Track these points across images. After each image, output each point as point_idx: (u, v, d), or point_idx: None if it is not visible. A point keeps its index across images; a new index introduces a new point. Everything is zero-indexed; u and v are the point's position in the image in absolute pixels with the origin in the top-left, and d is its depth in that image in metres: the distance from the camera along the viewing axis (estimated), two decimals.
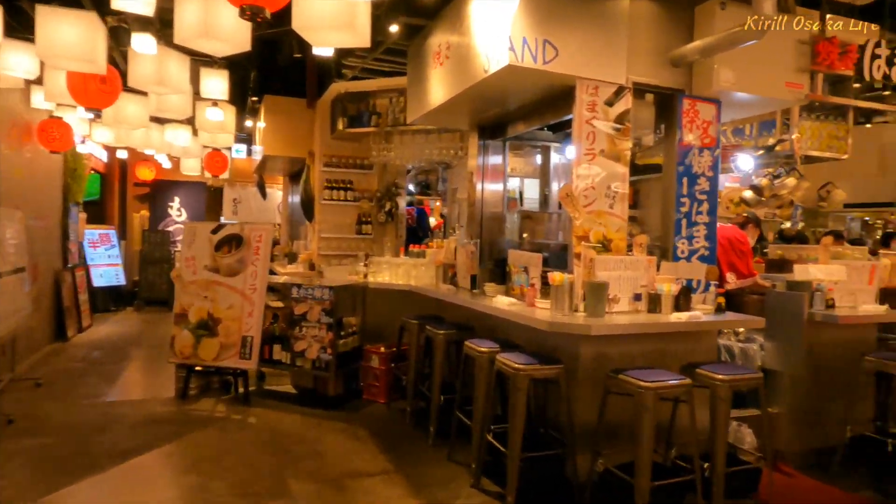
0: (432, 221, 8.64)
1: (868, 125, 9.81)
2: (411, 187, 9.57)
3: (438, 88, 4.41)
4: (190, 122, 6.54)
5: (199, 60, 5.00)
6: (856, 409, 4.14)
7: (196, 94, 5.49)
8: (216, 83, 5.12)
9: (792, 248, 4.63)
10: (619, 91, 3.60)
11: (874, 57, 3.94)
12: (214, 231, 5.55)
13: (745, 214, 4.76)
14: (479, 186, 5.18)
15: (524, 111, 4.52)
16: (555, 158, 5.38)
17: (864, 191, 9.70)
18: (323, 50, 4.44)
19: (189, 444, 4.28)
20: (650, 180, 4.50)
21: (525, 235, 5.07)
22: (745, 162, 4.58)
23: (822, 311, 3.96)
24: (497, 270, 4.47)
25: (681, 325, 3.34)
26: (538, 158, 5.56)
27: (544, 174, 5.43)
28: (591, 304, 3.33)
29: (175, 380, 5.46)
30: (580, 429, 3.42)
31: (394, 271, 5.68)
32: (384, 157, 6.62)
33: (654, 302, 3.55)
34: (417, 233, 7.64)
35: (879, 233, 10.45)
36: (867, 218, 13.50)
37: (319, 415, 4.98)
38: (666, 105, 3.87)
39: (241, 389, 5.33)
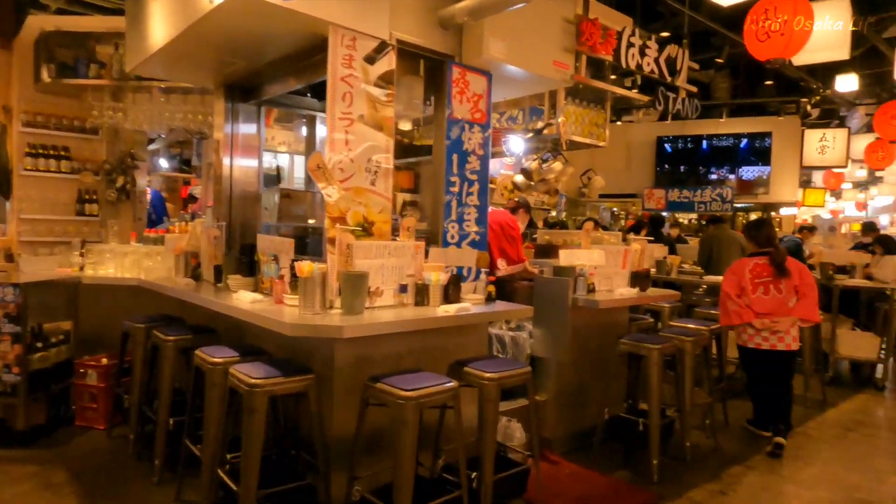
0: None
1: (618, 122, 11.04)
2: (164, 162, 8.12)
3: (159, 27, 3.44)
4: None
5: None
6: (612, 390, 4.26)
7: None
8: None
9: (558, 234, 4.64)
10: (382, 47, 3.08)
11: (629, 45, 4.04)
12: None
13: (516, 199, 4.67)
14: (227, 160, 4.30)
15: (278, 68, 3.78)
16: (322, 130, 4.72)
17: (614, 183, 10.86)
18: None
19: None
20: (431, 162, 4.12)
21: (283, 219, 4.35)
22: (517, 144, 4.46)
23: (584, 296, 3.96)
24: (245, 260, 3.69)
25: (449, 318, 2.96)
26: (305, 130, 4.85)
27: (310, 147, 4.74)
28: (347, 299, 2.77)
29: None
30: (337, 450, 2.85)
31: (120, 262, 4.51)
32: (112, 120, 5.29)
33: (422, 293, 3.13)
34: (151, 216, 6.39)
35: (623, 223, 11.85)
36: (615, 209, 15.36)
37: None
38: (436, 73, 3.47)
39: None
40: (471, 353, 3.31)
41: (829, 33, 4.01)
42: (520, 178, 4.64)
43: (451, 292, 3.21)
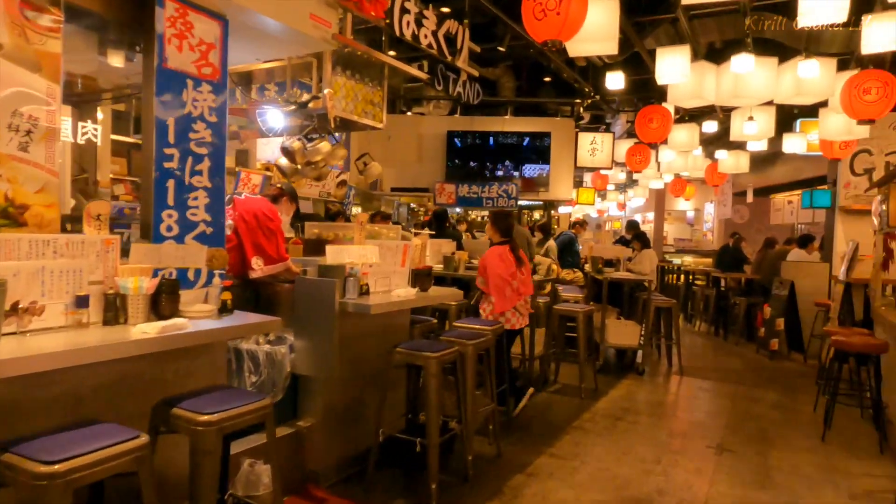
0: None
1: (409, 113, 10.79)
2: None
3: None
4: None
5: None
6: (392, 405, 3.75)
7: None
8: None
9: (329, 227, 3.99)
10: None
11: (404, 11, 3.55)
12: None
13: (279, 185, 3.91)
14: None
15: None
16: None
17: (406, 177, 10.60)
18: None
19: None
20: None
21: None
22: (276, 118, 3.70)
23: (355, 299, 3.36)
24: None
25: (147, 342, 2.11)
26: None
27: None
28: None
29: None
30: None
31: None
32: None
33: (114, 307, 2.23)
34: None
35: (422, 219, 11.67)
36: (412, 204, 15.20)
37: None
38: (140, 8, 2.56)
39: None
40: (200, 383, 2.50)
41: (599, 25, 3.93)
42: (284, 162, 3.90)
43: (162, 304, 2.36)
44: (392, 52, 4.52)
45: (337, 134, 7.86)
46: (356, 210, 10.51)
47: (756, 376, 6.97)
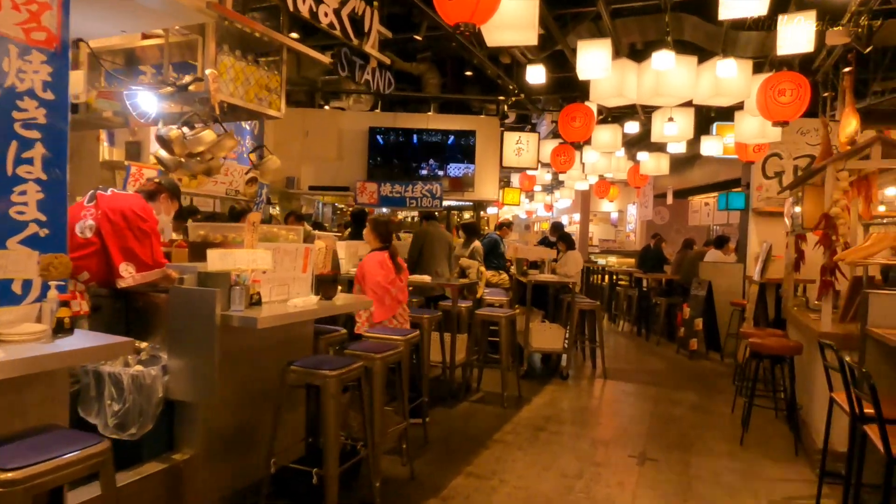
0: None
1: (327, 107, 10.27)
2: None
3: None
4: None
5: None
6: (289, 428, 3.34)
7: None
8: None
9: (219, 228, 3.51)
10: None
11: None
12: None
13: (156, 180, 3.40)
14: None
15: None
16: None
17: (326, 175, 10.08)
18: None
19: None
20: None
21: None
22: (149, 102, 3.19)
23: (241, 311, 2.92)
24: None
25: None
26: None
27: None
28: None
29: None
30: None
31: None
32: None
33: None
34: None
35: (348, 219, 11.16)
36: (338, 204, 14.61)
37: None
38: None
39: None
40: (30, 422, 2.03)
41: (517, 12, 3.68)
42: (163, 153, 3.39)
43: None
44: (295, 35, 4.09)
45: (249, 124, 7.28)
46: (276, 210, 9.91)
47: (676, 377, 7.00)
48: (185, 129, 3.24)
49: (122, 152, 5.77)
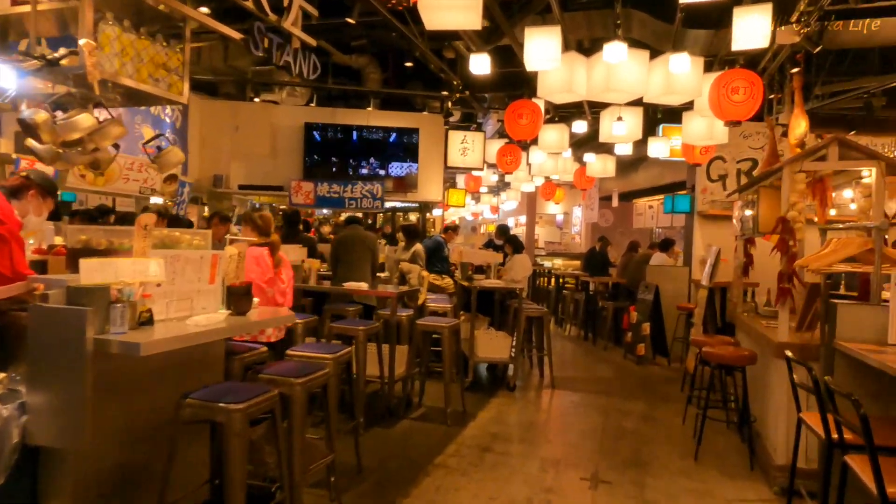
0: None
1: (257, 100, 9.60)
2: None
3: None
4: None
5: None
6: (189, 468, 2.82)
7: None
8: None
9: (104, 231, 2.94)
10: None
11: None
12: None
13: (22, 174, 2.80)
14: None
15: None
16: None
17: (258, 173, 9.40)
18: None
19: None
20: None
21: None
22: (6, 77, 2.60)
23: (122, 334, 2.38)
24: None
25: None
26: None
27: None
28: None
29: None
30: None
31: None
32: None
33: None
34: None
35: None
36: (275, 204, 13.85)
37: None
38: None
39: None
40: None
41: None
42: (34, 142, 2.80)
43: None
44: (204, 9, 3.56)
45: (169, 116, 6.56)
46: (207, 211, 9.16)
47: (626, 385, 6.78)
48: (59, 113, 2.66)
49: (11, 143, 5.04)
